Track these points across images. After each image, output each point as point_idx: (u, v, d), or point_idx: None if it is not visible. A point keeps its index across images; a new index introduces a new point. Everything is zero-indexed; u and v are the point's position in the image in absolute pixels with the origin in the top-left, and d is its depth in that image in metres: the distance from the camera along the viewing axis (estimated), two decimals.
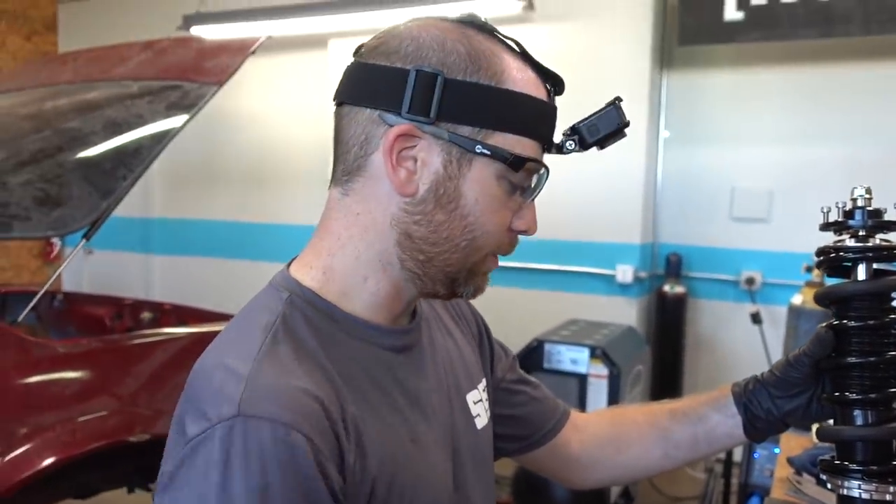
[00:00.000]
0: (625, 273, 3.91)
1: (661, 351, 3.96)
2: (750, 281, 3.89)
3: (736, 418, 0.89)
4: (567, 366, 2.98)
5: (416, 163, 0.70)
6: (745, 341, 3.92)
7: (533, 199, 0.76)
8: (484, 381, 0.92)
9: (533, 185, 0.75)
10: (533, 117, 0.72)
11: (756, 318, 3.81)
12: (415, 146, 0.69)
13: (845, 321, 0.78)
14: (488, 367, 0.96)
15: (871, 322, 0.77)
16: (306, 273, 0.75)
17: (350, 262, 0.74)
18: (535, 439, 0.98)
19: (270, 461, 0.59)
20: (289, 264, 0.78)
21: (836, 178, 3.60)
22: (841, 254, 0.78)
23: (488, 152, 0.69)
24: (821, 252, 0.80)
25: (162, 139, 2.33)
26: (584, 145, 0.76)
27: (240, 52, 2.55)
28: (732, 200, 3.93)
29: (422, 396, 0.78)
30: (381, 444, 0.69)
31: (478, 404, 0.88)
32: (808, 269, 2.95)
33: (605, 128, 0.75)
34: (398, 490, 0.69)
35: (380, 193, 0.71)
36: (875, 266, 0.78)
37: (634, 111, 3.83)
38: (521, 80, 0.71)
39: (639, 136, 3.84)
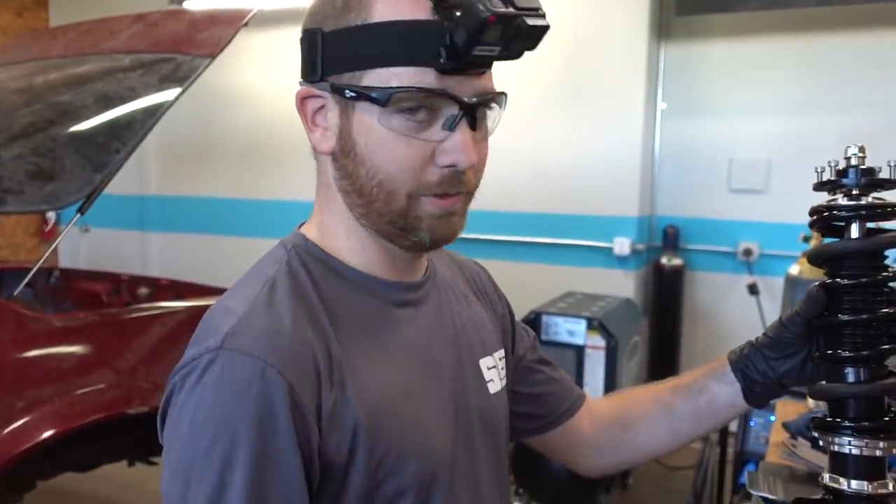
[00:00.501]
0: (622, 245, 3.91)
1: (659, 323, 3.97)
2: (747, 252, 3.89)
3: (735, 385, 0.88)
4: (564, 337, 2.99)
5: (327, 121, 0.73)
6: (742, 312, 3.93)
7: (455, 128, 0.68)
8: (502, 351, 0.92)
9: (457, 116, 0.68)
10: (398, 43, 0.67)
11: (753, 290, 3.82)
12: (325, 106, 0.73)
13: (837, 279, 0.78)
14: (510, 343, 0.97)
15: (863, 280, 0.76)
16: (310, 230, 0.79)
17: (333, 222, 0.77)
18: (551, 419, 0.98)
19: (242, 393, 0.62)
20: (300, 225, 0.82)
21: (835, 148, 3.53)
22: (833, 213, 0.78)
23: (354, 94, 0.69)
24: (814, 211, 0.80)
25: (155, 112, 2.31)
26: (459, 56, 0.65)
27: (232, 23, 2.52)
28: (730, 172, 3.92)
29: (422, 353, 0.78)
30: (367, 391, 0.70)
31: (491, 370, 0.87)
32: (806, 240, 2.95)
33: (467, 25, 0.63)
34: (384, 440, 0.69)
35: (322, 158, 0.76)
36: (868, 224, 0.77)
37: (632, 82, 3.83)
38: (386, 7, 0.67)
39: (636, 107, 3.81)
